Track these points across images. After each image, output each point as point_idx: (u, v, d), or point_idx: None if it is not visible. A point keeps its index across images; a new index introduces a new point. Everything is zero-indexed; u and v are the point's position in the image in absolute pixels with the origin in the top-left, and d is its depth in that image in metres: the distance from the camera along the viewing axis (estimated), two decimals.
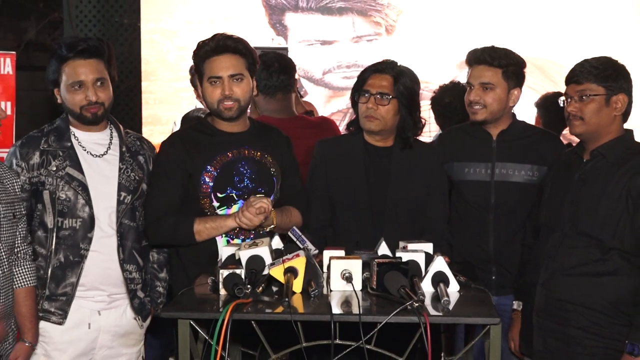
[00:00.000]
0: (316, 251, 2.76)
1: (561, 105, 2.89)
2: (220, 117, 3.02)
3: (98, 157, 2.95)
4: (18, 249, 2.78)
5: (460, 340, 3.51)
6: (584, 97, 2.77)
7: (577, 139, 2.92)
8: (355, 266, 2.50)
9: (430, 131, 4.39)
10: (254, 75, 3.06)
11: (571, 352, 2.75)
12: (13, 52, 4.34)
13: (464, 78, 3.35)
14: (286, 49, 4.85)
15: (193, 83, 4.26)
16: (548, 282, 2.82)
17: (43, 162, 2.87)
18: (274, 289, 2.50)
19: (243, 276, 2.44)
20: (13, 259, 2.75)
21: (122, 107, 5.89)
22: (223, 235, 2.95)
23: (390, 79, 3.10)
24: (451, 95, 4.14)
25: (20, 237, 2.79)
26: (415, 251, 2.64)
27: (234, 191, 2.99)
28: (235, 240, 2.95)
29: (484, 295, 2.52)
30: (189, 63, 3.43)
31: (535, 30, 5.93)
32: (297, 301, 2.39)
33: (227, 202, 2.99)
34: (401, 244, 2.78)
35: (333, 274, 2.51)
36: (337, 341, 2.33)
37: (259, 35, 5.92)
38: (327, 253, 2.69)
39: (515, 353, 3.12)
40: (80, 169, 2.88)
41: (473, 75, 3.23)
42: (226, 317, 2.23)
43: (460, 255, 3.16)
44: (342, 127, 4.15)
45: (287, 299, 2.28)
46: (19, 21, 8.27)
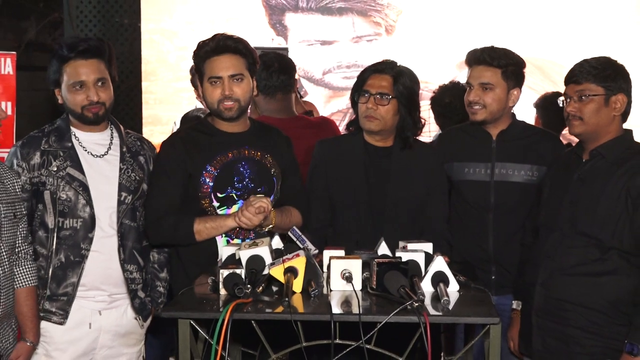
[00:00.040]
0: (316, 251, 2.76)
1: (560, 105, 2.89)
2: (220, 117, 3.02)
3: (99, 158, 2.95)
4: (19, 249, 2.78)
5: (460, 340, 3.51)
6: (583, 97, 2.77)
7: (577, 139, 2.93)
8: (355, 266, 2.50)
9: (430, 131, 4.39)
10: (254, 75, 3.06)
11: (570, 352, 2.75)
12: (13, 52, 4.34)
13: (464, 78, 3.35)
14: (286, 49, 4.84)
15: (193, 83, 4.26)
16: (547, 282, 2.82)
17: (44, 163, 2.87)
18: (274, 289, 2.50)
19: (243, 276, 2.44)
20: (14, 259, 2.76)
21: (123, 107, 5.90)
22: (223, 235, 2.95)
23: (390, 79, 3.10)
24: (451, 95, 4.14)
25: (21, 237, 2.79)
26: (415, 251, 2.64)
27: (234, 191, 3.00)
28: (235, 240, 2.95)
29: (484, 295, 2.52)
30: (189, 63, 3.43)
31: (535, 30, 5.93)
32: (297, 301, 2.39)
33: (227, 202, 2.99)
34: (401, 244, 2.78)
35: (333, 274, 2.51)
36: (337, 341, 2.33)
37: (259, 35, 5.92)
38: (327, 253, 2.69)
39: (514, 353, 3.12)
40: (80, 169, 2.89)
41: (472, 75, 3.23)
42: (226, 317, 2.23)
43: (459, 255, 3.16)
44: (342, 127, 4.15)
45: (287, 299, 2.28)
46: (20, 21, 8.27)
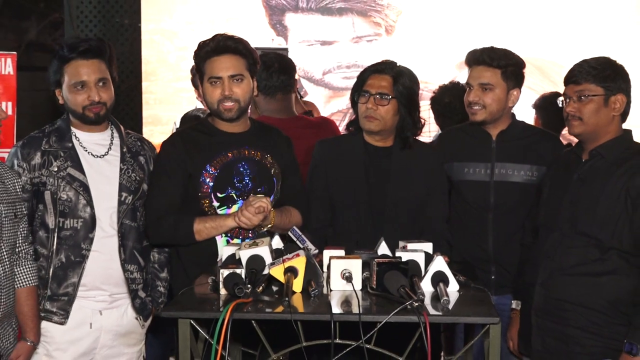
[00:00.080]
0: (316, 251, 2.77)
1: (560, 105, 2.89)
2: (220, 118, 3.02)
3: (99, 158, 2.95)
4: (19, 249, 2.79)
5: (459, 339, 3.51)
6: (583, 98, 2.77)
7: (576, 139, 2.93)
8: (355, 266, 2.50)
9: (430, 131, 4.39)
10: (255, 75, 3.07)
11: (570, 352, 2.76)
12: (14, 53, 4.35)
13: (464, 78, 3.35)
14: (286, 50, 4.85)
15: (194, 83, 4.26)
16: (547, 282, 2.82)
17: (44, 163, 2.87)
18: (274, 289, 2.50)
19: (243, 276, 2.44)
20: (14, 259, 2.76)
21: (123, 107, 5.90)
22: (223, 235, 2.96)
23: (389, 79, 3.10)
24: (451, 95, 4.14)
25: (21, 237, 2.79)
26: (415, 251, 2.64)
27: (234, 191, 3.00)
28: (234, 240, 2.96)
29: (484, 294, 2.52)
30: (189, 63, 3.44)
31: (534, 30, 5.93)
32: (297, 301, 2.39)
33: (227, 202, 3.00)
34: (401, 244, 2.78)
35: (333, 274, 2.51)
36: (337, 341, 2.33)
37: (259, 35, 5.92)
38: (327, 253, 2.69)
39: (514, 352, 3.12)
40: (81, 170, 2.89)
41: (472, 75, 3.24)
42: (226, 317, 2.23)
43: (459, 255, 3.16)
44: (342, 127, 4.16)
45: (287, 299, 2.29)
46: (20, 21, 8.27)
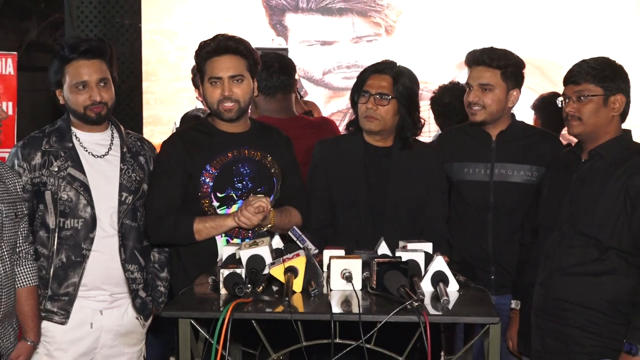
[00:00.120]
0: (316, 251, 2.77)
1: (559, 105, 2.89)
2: (220, 118, 3.03)
3: (99, 158, 2.96)
4: (20, 249, 2.79)
5: (459, 339, 3.52)
6: (582, 98, 2.77)
7: (576, 139, 2.93)
8: (355, 266, 2.51)
9: (429, 131, 4.40)
10: (255, 76, 3.07)
11: (569, 352, 2.76)
12: (14, 53, 4.35)
13: (464, 78, 3.35)
14: (286, 50, 4.85)
15: (195, 83, 4.27)
16: (546, 282, 2.82)
17: (45, 163, 2.87)
18: (274, 289, 2.51)
19: (243, 275, 2.45)
20: (15, 259, 2.76)
21: (123, 108, 5.91)
22: (222, 235, 2.96)
23: (389, 80, 3.10)
24: (451, 95, 4.15)
25: (22, 237, 2.80)
26: (414, 251, 2.64)
27: (234, 191, 3.00)
28: (234, 239, 2.96)
29: (484, 294, 2.52)
30: (190, 63, 3.44)
31: (534, 30, 5.93)
32: (297, 300, 2.40)
33: (227, 202, 3.00)
34: (401, 244, 2.78)
35: (333, 274, 2.52)
36: (337, 340, 2.33)
37: (260, 35, 5.92)
38: (327, 252, 2.69)
39: (513, 352, 3.13)
40: (81, 170, 2.89)
41: (472, 76, 3.24)
42: (227, 317, 2.24)
43: (459, 255, 3.16)
44: (342, 127, 4.16)
45: (287, 299, 2.29)
46: (21, 22, 8.27)
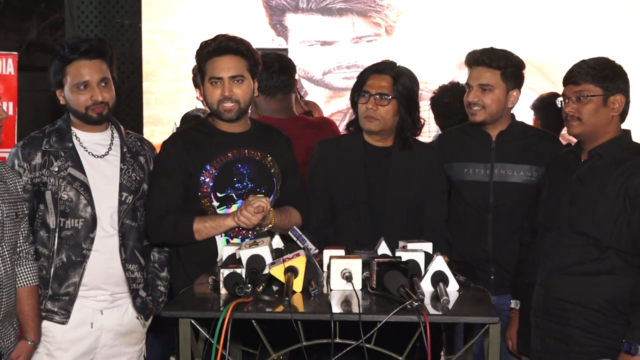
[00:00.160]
0: (316, 251, 2.77)
1: (559, 106, 2.89)
2: (220, 118, 3.03)
3: (99, 158, 2.96)
4: (20, 249, 2.79)
5: (459, 339, 3.52)
6: (582, 98, 2.78)
7: (576, 139, 2.93)
8: (355, 265, 2.51)
9: (429, 131, 4.40)
10: (256, 77, 3.07)
11: (569, 351, 2.76)
12: (15, 53, 4.35)
13: (464, 78, 3.35)
14: (286, 50, 4.86)
15: (195, 83, 4.27)
16: (545, 282, 2.82)
17: (45, 163, 2.88)
18: (275, 288, 2.51)
19: (244, 275, 2.45)
20: (15, 259, 2.77)
21: (124, 108, 5.92)
22: (222, 234, 2.96)
23: (389, 80, 3.11)
24: (450, 95, 4.15)
25: (22, 237, 2.80)
26: (414, 251, 2.64)
27: (234, 191, 3.00)
28: (234, 239, 2.96)
29: (483, 294, 2.52)
30: (190, 63, 3.45)
31: (534, 31, 5.94)
32: (298, 300, 2.40)
33: (227, 202, 3.00)
34: (401, 244, 2.78)
35: (333, 273, 2.52)
36: (337, 340, 2.33)
37: (260, 36, 5.93)
38: (327, 252, 2.69)
39: (512, 352, 3.13)
40: (82, 170, 2.89)
41: (472, 76, 3.23)
42: (227, 316, 2.24)
43: (459, 255, 3.16)
44: (342, 127, 4.17)
45: (288, 298, 2.29)
46: (21, 22, 8.28)
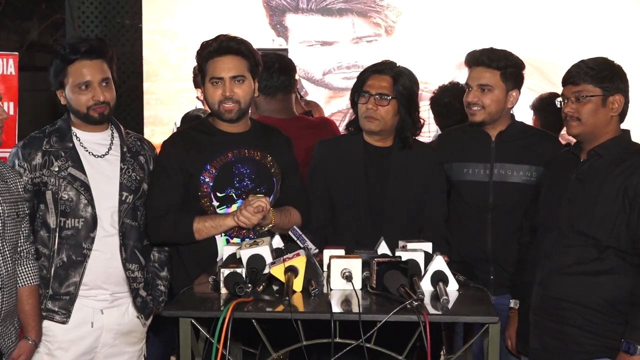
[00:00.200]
0: (316, 250, 2.78)
1: (558, 106, 2.90)
2: (220, 118, 3.03)
3: (100, 158, 2.96)
4: (21, 248, 2.80)
5: (459, 338, 3.52)
6: (581, 98, 2.78)
7: (575, 139, 2.94)
8: (355, 265, 2.51)
9: (429, 131, 4.41)
10: (256, 77, 3.07)
11: (568, 351, 2.76)
12: (16, 53, 4.35)
13: (464, 78, 3.35)
14: (286, 50, 4.86)
15: (196, 83, 4.28)
16: (545, 281, 2.83)
17: (45, 163, 2.88)
18: (275, 288, 2.51)
19: (244, 275, 2.45)
20: (16, 258, 2.77)
21: (124, 108, 5.93)
22: (222, 234, 2.97)
23: (389, 80, 3.11)
24: (450, 95, 4.15)
25: (23, 237, 2.80)
26: (414, 250, 2.65)
27: (234, 191, 3.01)
28: (234, 239, 2.97)
29: (483, 294, 2.53)
30: (190, 64, 3.45)
31: (534, 31, 5.94)
32: (298, 300, 2.41)
33: (227, 202, 3.01)
34: (401, 243, 2.79)
35: (333, 273, 2.52)
36: (337, 340, 2.34)
37: (260, 36, 5.94)
38: (327, 252, 2.70)
39: (511, 351, 3.13)
40: (82, 169, 2.90)
41: (471, 76, 3.24)
42: (227, 316, 2.24)
43: (458, 255, 3.17)
44: (342, 127, 4.17)
45: (288, 298, 2.30)
46: (22, 22, 8.29)
